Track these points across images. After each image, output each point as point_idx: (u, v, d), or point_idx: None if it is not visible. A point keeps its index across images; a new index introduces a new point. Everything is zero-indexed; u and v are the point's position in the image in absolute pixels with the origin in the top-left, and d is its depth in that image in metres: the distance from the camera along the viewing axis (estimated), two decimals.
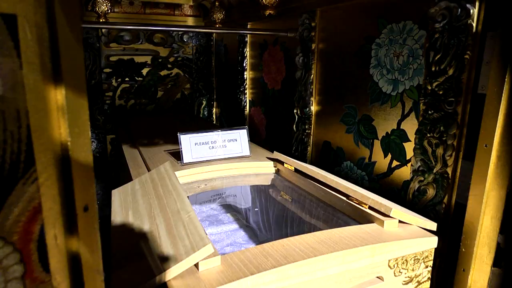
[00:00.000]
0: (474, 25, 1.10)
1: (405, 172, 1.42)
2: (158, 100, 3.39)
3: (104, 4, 2.20)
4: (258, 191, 1.64)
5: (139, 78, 3.27)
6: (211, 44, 3.36)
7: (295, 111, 2.04)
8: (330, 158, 1.84)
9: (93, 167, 0.54)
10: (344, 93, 1.72)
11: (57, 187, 0.49)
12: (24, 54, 0.42)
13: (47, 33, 0.44)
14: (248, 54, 2.67)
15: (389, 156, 1.49)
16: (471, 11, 1.09)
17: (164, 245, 0.88)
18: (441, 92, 1.21)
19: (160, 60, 3.32)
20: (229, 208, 1.66)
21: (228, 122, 3.23)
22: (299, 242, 0.93)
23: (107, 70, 3.11)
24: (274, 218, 1.54)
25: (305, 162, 1.94)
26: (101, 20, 2.18)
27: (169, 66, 3.38)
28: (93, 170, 0.54)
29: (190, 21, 3.31)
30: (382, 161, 1.53)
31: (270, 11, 1.95)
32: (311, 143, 1.99)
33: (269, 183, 1.61)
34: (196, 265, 0.83)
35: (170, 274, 0.79)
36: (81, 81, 0.49)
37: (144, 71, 3.28)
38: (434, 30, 1.21)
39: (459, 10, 1.12)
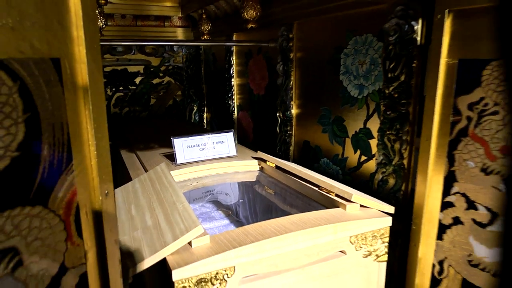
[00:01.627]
0: (418, 39, 1.30)
1: (371, 165, 1.62)
2: (151, 107, 3.58)
3: (99, 20, 2.38)
4: (244, 186, 1.84)
5: (133, 87, 3.45)
6: (200, 53, 3.56)
7: (277, 114, 2.24)
8: (309, 156, 2.05)
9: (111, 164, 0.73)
10: (319, 97, 1.92)
11: (87, 178, 0.68)
12: (65, 84, 0.62)
13: (79, 68, 0.64)
14: (234, 62, 2.87)
15: (358, 152, 1.69)
16: (415, 27, 1.30)
17: (163, 229, 1.07)
18: (396, 95, 1.41)
19: (152, 69, 3.51)
20: (219, 203, 1.85)
21: (218, 126, 3.42)
22: (274, 224, 1.12)
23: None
24: (259, 209, 1.74)
25: (288, 160, 2.13)
26: None
27: (161, 74, 3.57)
28: (111, 166, 0.73)
29: (179, 32, 3.50)
30: (352, 156, 1.73)
31: (252, 25, 2.16)
32: (293, 143, 2.19)
33: (254, 180, 1.80)
34: (190, 243, 1.02)
35: (169, 250, 0.98)
36: (102, 100, 0.68)
37: (137, 80, 3.46)
38: (389, 42, 1.42)
39: (406, 26, 1.33)
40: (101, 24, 2.40)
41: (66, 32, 0.61)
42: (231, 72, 2.89)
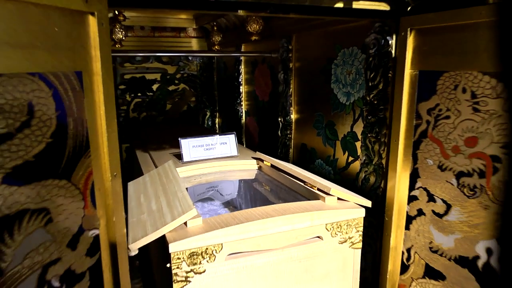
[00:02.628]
0: (392, 52, 1.48)
1: (357, 165, 1.79)
2: (167, 112, 3.82)
3: (120, 33, 2.63)
4: (243, 183, 2.03)
5: (150, 93, 3.70)
6: (213, 62, 3.79)
7: (279, 119, 2.43)
8: (306, 157, 2.23)
9: (119, 151, 0.94)
10: (314, 103, 2.11)
11: (100, 161, 0.89)
12: (85, 90, 0.83)
13: (95, 79, 0.85)
14: (243, 70, 3.08)
15: (346, 153, 1.87)
16: (390, 41, 1.48)
17: (164, 212, 1.28)
18: (375, 102, 1.59)
19: (168, 77, 3.76)
20: (226, 202, 2.04)
21: (228, 130, 3.63)
22: (259, 210, 1.31)
23: (122, 86, 3.56)
24: (257, 203, 1.92)
25: (288, 162, 2.31)
26: (117, 46, 2.61)
27: (176, 82, 3.81)
28: (119, 153, 0.94)
29: (194, 42, 3.74)
30: (342, 157, 1.91)
31: (255, 37, 2.36)
32: (292, 145, 2.38)
33: (253, 177, 1.99)
34: (185, 223, 1.22)
35: (168, 228, 1.18)
36: (112, 102, 0.89)
37: (154, 86, 3.72)
38: (369, 54, 1.60)
39: (383, 40, 1.51)
40: (121, 36, 2.65)
41: (86, 53, 0.83)
42: (240, 80, 3.10)
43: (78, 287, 0.87)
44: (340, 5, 1.21)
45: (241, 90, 3.12)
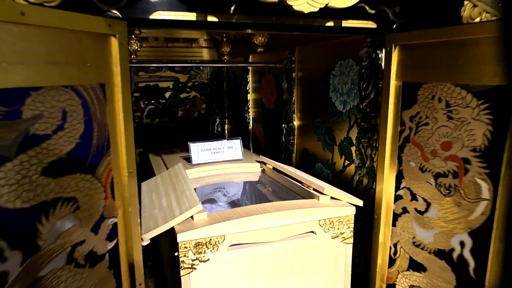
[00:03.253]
0: (382, 64, 1.61)
1: (352, 168, 1.92)
2: (178, 119, 4.01)
3: (135, 44, 2.81)
4: (247, 184, 2.18)
5: (163, 101, 3.90)
6: (223, 71, 3.96)
7: (283, 125, 2.58)
8: (307, 161, 2.37)
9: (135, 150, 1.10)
10: (315, 111, 2.25)
11: (118, 159, 1.05)
12: (107, 100, 1.00)
13: (116, 90, 1.02)
14: (250, 79, 3.24)
15: (343, 157, 2.00)
16: (380, 55, 1.61)
17: (174, 207, 1.43)
18: (368, 110, 1.72)
19: (180, 85, 3.95)
20: (233, 202, 2.19)
21: (237, 136, 3.78)
22: (258, 207, 1.46)
23: (136, 94, 3.76)
24: (257, 202, 2.06)
25: (291, 166, 2.46)
26: (132, 57, 2.79)
27: (188, 89, 4.00)
28: (135, 152, 1.10)
29: (205, 52, 3.93)
30: (339, 161, 2.04)
31: (261, 49, 2.53)
32: (295, 150, 2.52)
33: (257, 179, 2.14)
34: (192, 217, 1.37)
35: (176, 221, 1.33)
36: (129, 110, 1.05)
37: (167, 94, 3.91)
38: (362, 66, 1.74)
39: (374, 54, 1.65)
40: (136, 47, 2.84)
41: (109, 68, 1.00)
42: (248, 88, 3.27)
43: (99, 267, 1.03)
44: (330, 23, 1.35)
45: (248, 98, 3.28)
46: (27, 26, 0.79)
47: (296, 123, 2.48)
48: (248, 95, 3.28)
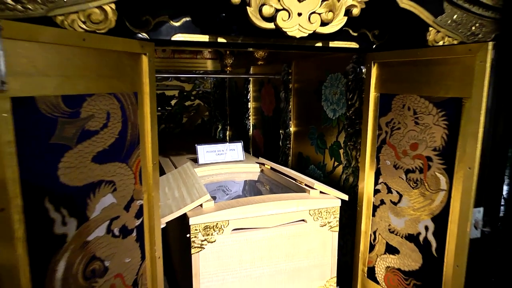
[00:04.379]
0: (365, 77, 1.88)
1: (340, 169, 2.18)
2: (183, 125, 4.27)
3: None
4: (247, 182, 2.43)
5: (169, 108, 4.16)
6: (225, 81, 4.23)
7: (280, 131, 2.84)
8: (302, 164, 2.62)
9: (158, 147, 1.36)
10: (309, 118, 2.51)
11: (145, 152, 1.31)
12: (139, 104, 1.26)
13: (145, 97, 1.28)
14: (251, 89, 3.51)
15: (333, 159, 2.26)
16: (363, 70, 1.88)
17: (185, 197, 1.68)
18: (353, 117, 1.98)
19: (185, 93, 4.22)
20: (228, 193, 2.44)
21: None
22: (257, 198, 1.71)
23: None
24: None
25: (287, 167, 2.71)
26: None
27: (192, 98, 4.27)
28: (157, 148, 1.36)
29: (209, 63, 4.20)
30: (329, 163, 2.30)
31: (261, 62, 2.80)
32: (291, 154, 2.78)
33: (256, 178, 2.39)
34: (201, 205, 1.62)
35: (188, 208, 1.58)
36: (154, 113, 1.31)
37: (173, 102, 4.18)
38: (349, 79, 2.00)
39: (358, 69, 1.92)
40: None
41: (140, 79, 1.26)
42: (248, 97, 3.53)
43: (129, 239, 1.28)
44: (319, 44, 1.62)
45: (249, 106, 3.55)
46: (86, 48, 1.05)
47: (292, 129, 2.74)
48: (249, 103, 3.54)
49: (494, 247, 1.37)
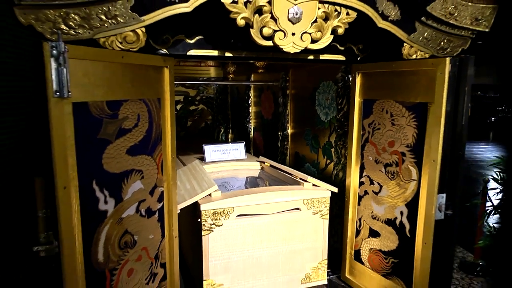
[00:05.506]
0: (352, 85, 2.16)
1: (332, 166, 2.45)
2: (188, 128, 4.54)
3: None
4: (249, 178, 2.70)
5: (174, 112, 4.44)
6: (227, 87, 4.51)
7: (278, 133, 3.12)
8: (298, 162, 2.89)
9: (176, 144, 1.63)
10: (304, 121, 2.79)
11: (166, 148, 1.59)
12: (161, 109, 1.54)
13: (166, 102, 1.55)
14: (252, 95, 3.79)
15: (325, 157, 2.53)
16: (350, 78, 2.16)
17: (196, 188, 1.95)
18: (342, 120, 2.26)
19: (189, 98, 4.49)
20: (232, 188, 2.70)
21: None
22: (258, 189, 1.98)
23: None
24: None
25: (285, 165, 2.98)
26: None
27: (196, 103, 4.55)
28: (175, 144, 1.63)
29: (212, 70, 4.48)
30: (322, 161, 2.57)
31: (261, 70, 3.08)
32: (288, 153, 3.05)
33: (257, 175, 2.67)
34: (210, 195, 1.89)
35: (199, 197, 1.85)
36: (173, 115, 1.59)
37: (178, 106, 4.45)
38: (338, 86, 2.28)
39: (346, 77, 2.20)
40: None
41: (162, 88, 1.54)
42: (249, 102, 3.81)
43: (152, 219, 1.55)
44: (311, 57, 1.89)
45: (250, 110, 3.83)
46: (124, 64, 1.33)
47: (289, 131, 3.02)
48: (250, 108, 3.82)
49: (454, 227, 1.64)
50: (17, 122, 2.57)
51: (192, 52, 1.67)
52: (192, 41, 1.66)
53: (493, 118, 14.16)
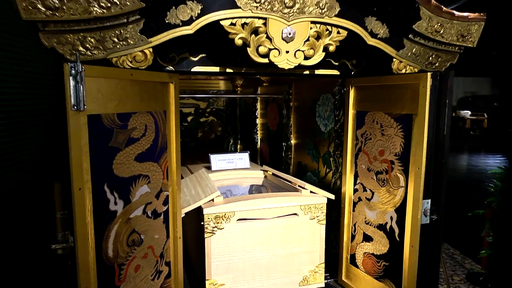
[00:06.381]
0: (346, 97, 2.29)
1: (331, 174, 2.57)
2: (198, 139, 4.72)
3: None
4: (253, 186, 2.84)
5: (185, 123, 4.62)
6: (236, 99, 4.69)
7: (282, 143, 3.26)
8: (301, 171, 3.02)
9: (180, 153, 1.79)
10: (306, 132, 2.92)
11: (171, 156, 1.74)
12: (167, 120, 1.70)
13: (172, 114, 1.72)
14: (258, 107, 3.95)
15: (325, 166, 2.65)
16: (345, 91, 2.29)
17: (200, 194, 2.10)
18: (339, 130, 2.39)
19: (200, 110, 4.68)
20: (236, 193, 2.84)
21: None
22: (257, 195, 2.11)
23: None
24: None
25: (288, 174, 3.10)
26: None
27: (207, 114, 4.73)
28: (180, 153, 1.79)
29: (221, 83, 4.67)
30: (322, 170, 2.69)
31: (266, 84, 3.24)
32: (292, 163, 3.18)
33: (260, 183, 2.80)
34: (213, 200, 2.03)
35: (202, 202, 2.00)
36: (178, 125, 1.75)
37: (189, 118, 4.64)
38: (336, 99, 2.42)
39: (342, 90, 2.33)
40: None
41: (168, 101, 1.70)
42: (256, 114, 3.97)
43: (158, 220, 1.70)
44: (307, 72, 2.04)
45: (257, 122, 3.98)
46: (133, 80, 1.50)
47: (292, 141, 3.15)
48: (257, 119, 3.98)
49: (439, 230, 1.74)
50: (40, 134, 2.79)
51: (196, 68, 1.84)
52: (196, 59, 1.83)
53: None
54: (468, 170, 9.01)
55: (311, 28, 1.75)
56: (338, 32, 1.82)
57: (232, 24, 1.63)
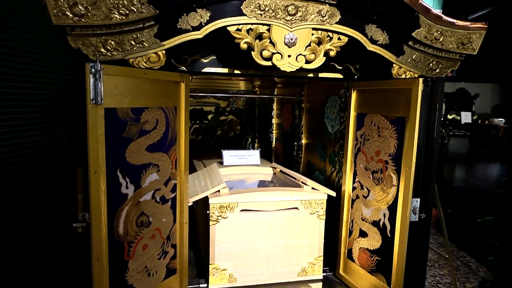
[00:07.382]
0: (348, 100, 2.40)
1: (335, 173, 2.68)
2: (217, 137, 4.91)
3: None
4: (262, 181, 2.99)
5: (206, 121, 4.83)
6: (255, 99, 4.85)
7: (294, 143, 3.39)
8: (310, 170, 3.14)
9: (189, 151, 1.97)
10: (315, 132, 3.04)
11: (180, 148, 1.92)
12: (177, 115, 1.88)
13: (181, 110, 1.90)
14: (275, 107, 4.09)
15: (331, 166, 2.77)
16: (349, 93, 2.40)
17: (208, 185, 2.27)
18: (344, 131, 2.50)
19: (220, 109, 4.87)
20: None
21: (263, 154, 4.60)
22: (261, 188, 2.26)
23: None
24: None
25: (298, 173, 3.23)
26: None
27: (226, 113, 4.91)
28: (188, 145, 1.96)
29: (241, 83, 4.84)
30: (328, 169, 2.81)
31: (279, 85, 3.38)
32: (302, 162, 3.31)
33: (269, 179, 2.95)
34: (218, 191, 2.20)
35: (209, 192, 2.17)
36: (187, 121, 1.93)
37: (209, 116, 4.84)
38: (341, 101, 2.53)
39: (347, 93, 2.44)
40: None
41: (179, 98, 1.88)
42: (272, 114, 4.11)
43: (165, 206, 1.89)
44: (311, 75, 2.17)
45: (273, 122, 4.13)
46: (146, 79, 1.69)
47: (303, 141, 3.28)
48: (273, 119, 4.12)
49: (427, 228, 1.83)
50: (69, 126, 3.06)
51: (206, 69, 2.01)
52: (207, 60, 2.00)
53: None
54: (496, 182, 8.80)
55: (312, 34, 1.89)
56: (339, 38, 1.94)
57: (238, 29, 1.79)
